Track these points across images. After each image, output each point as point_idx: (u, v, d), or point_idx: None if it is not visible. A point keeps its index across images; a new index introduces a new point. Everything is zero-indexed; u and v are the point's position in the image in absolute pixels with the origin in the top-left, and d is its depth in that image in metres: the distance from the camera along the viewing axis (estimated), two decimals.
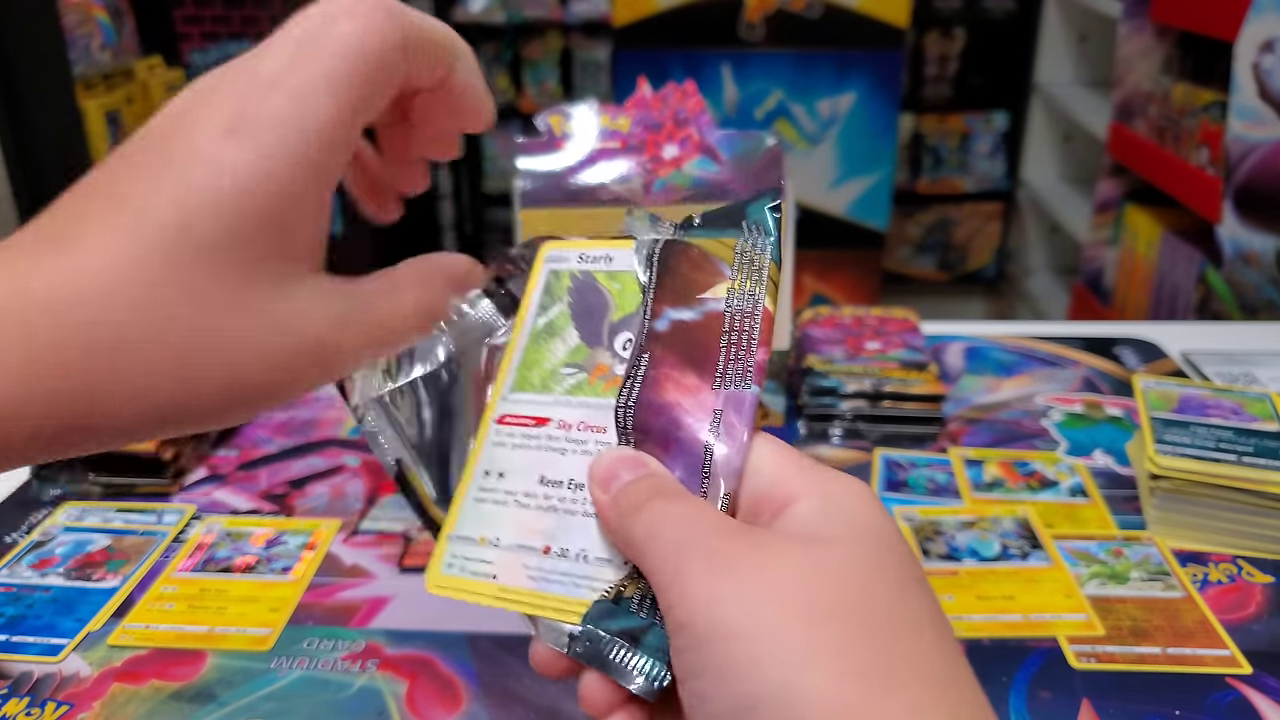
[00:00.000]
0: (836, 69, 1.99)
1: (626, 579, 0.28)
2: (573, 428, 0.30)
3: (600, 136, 0.62)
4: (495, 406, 0.32)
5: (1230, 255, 1.29)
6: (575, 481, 0.30)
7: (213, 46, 1.97)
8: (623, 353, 0.31)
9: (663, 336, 0.30)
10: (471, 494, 0.31)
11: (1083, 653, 0.47)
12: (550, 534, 0.29)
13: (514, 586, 0.29)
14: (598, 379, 0.31)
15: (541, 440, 0.31)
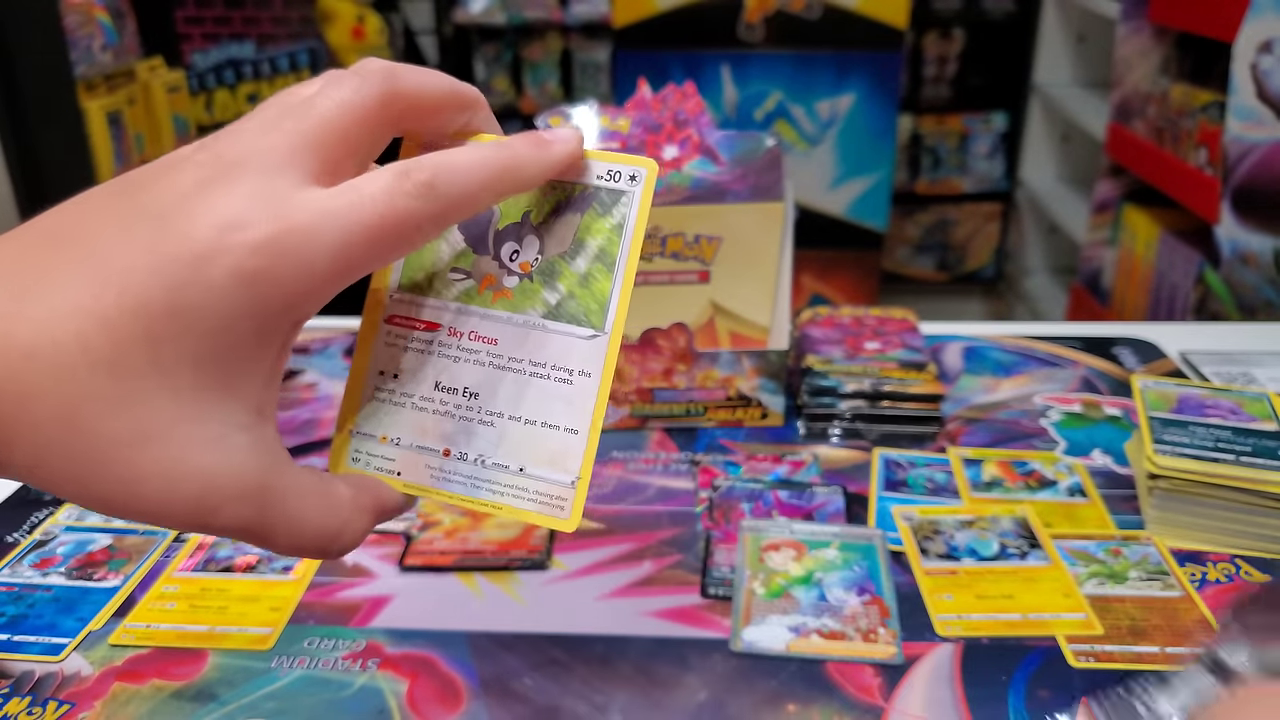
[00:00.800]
0: (836, 70, 2.00)
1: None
2: (463, 336, 0.32)
3: (600, 137, 0.62)
4: (384, 304, 0.32)
5: (1228, 255, 1.29)
6: (470, 390, 0.31)
7: (214, 47, 1.97)
8: (510, 263, 0.32)
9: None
10: (368, 392, 0.32)
11: (1081, 652, 0.48)
12: (449, 438, 0.31)
13: (417, 483, 0.31)
14: (486, 289, 0.32)
15: (434, 346, 0.32)
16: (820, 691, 0.45)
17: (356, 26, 2.09)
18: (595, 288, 0.32)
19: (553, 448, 0.31)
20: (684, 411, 0.67)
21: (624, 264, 0.32)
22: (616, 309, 0.31)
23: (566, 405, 0.31)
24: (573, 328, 0.31)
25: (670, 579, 0.53)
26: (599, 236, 0.32)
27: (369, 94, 0.27)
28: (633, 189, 0.32)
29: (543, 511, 0.31)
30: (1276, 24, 1.19)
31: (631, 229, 0.32)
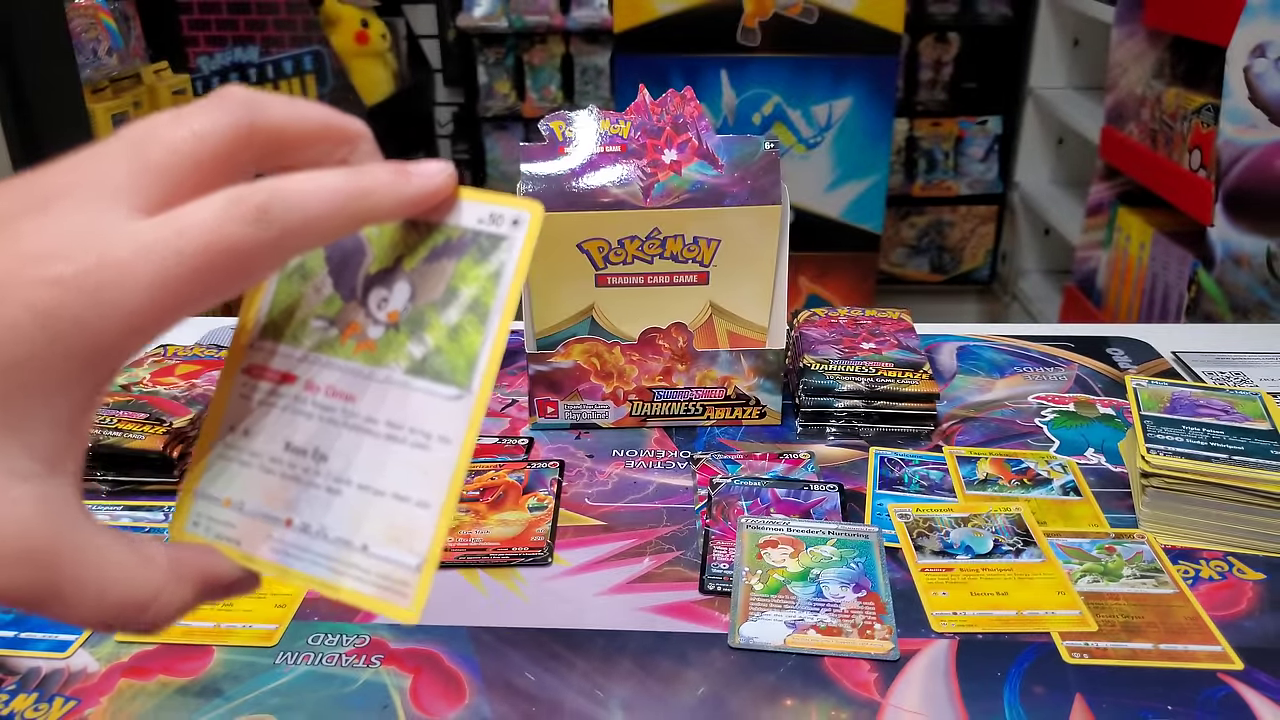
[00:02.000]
0: (833, 74, 2.01)
1: None
2: (320, 391, 0.29)
3: (601, 141, 0.63)
4: (243, 353, 0.30)
5: (1221, 257, 1.30)
6: (320, 452, 0.28)
7: (219, 51, 1.98)
8: (378, 313, 0.29)
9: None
10: (217, 449, 0.30)
11: (1076, 648, 0.48)
12: (293, 505, 0.28)
13: (256, 557, 0.29)
14: (349, 339, 0.29)
15: (288, 400, 0.29)
16: (817, 686, 0.46)
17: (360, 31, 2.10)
18: (465, 341, 0.28)
19: (400, 523, 0.28)
20: (683, 410, 0.68)
21: (498, 317, 0.28)
22: (485, 367, 0.28)
23: (421, 475, 0.28)
24: (436, 385, 0.28)
25: (669, 575, 0.54)
26: (474, 285, 0.29)
27: (226, 124, 0.25)
28: (514, 234, 0.29)
29: (383, 597, 0.28)
30: (1270, 28, 1.20)
31: (510, 278, 0.28)
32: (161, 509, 0.60)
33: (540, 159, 0.63)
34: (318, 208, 0.25)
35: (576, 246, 0.63)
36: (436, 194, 0.28)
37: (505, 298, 0.28)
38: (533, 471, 0.63)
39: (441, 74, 2.52)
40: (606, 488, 0.62)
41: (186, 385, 0.67)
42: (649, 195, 0.62)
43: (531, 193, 0.62)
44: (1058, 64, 2.31)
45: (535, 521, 0.58)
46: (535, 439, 0.68)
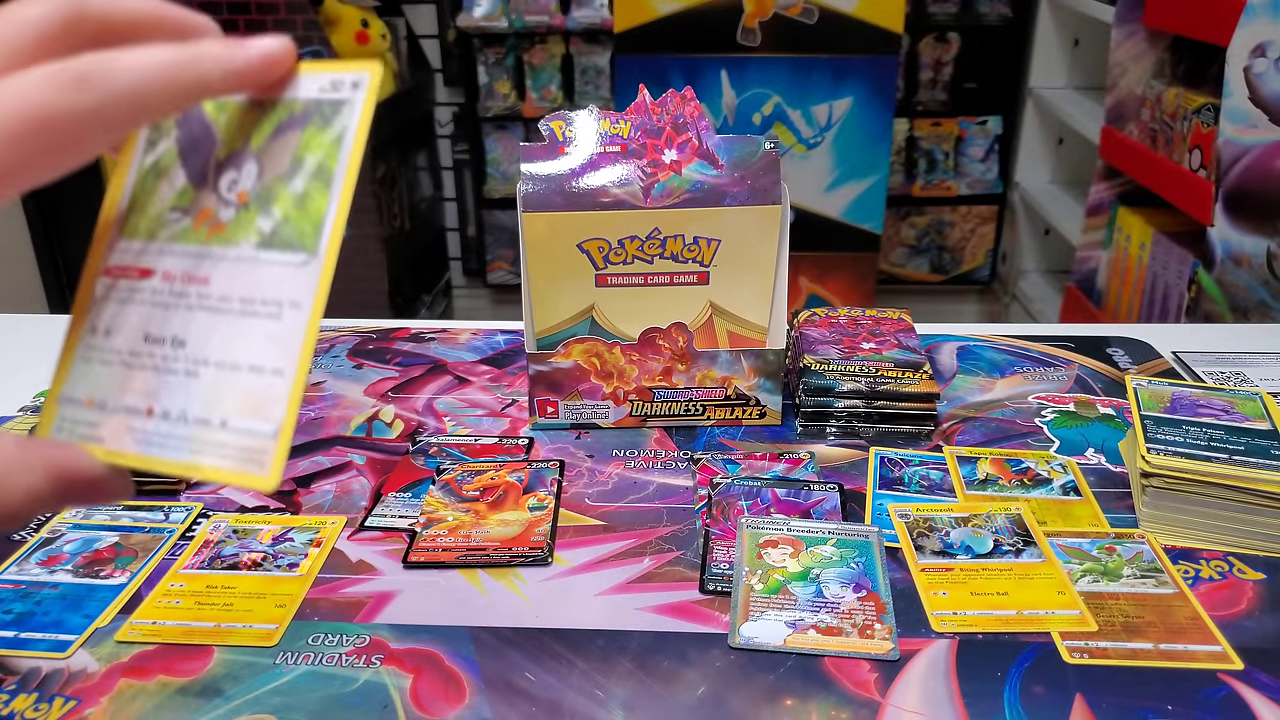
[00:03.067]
0: (833, 74, 2.01)
1: None
2: (176, 279, 0.29)
3: (601, 141, 0.63)
4: (101, 255, 0.31)
5: (1221, 257, 1.30)
6: (177, 338, 0.29)
7: None
8: (228, 195, 0.30)
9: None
10: (80, 351, 0.30)
11: (1076, 648, 0.48)
12: (153, 394, 0.29)
13: (119, 450, 0.29)
14: (202, 224, 0.30)
15: (146, 293, 0.30)
16: (818, 686, 0.46)
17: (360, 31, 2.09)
18: (311, 208, 0.29)
19: (257, 393, 0.28)
20: (683, 410, 0.68)
21: (342, 178, 0.29)
22: (332, 229, 0.29)
23: (274, 344, 0.28)
24: (285, 255, 0.29)
25: (670, 575, 0.54)
26: (318, 152, 0.29)
27: (51, 11, 0.25)
28: (354, 96, 0.29)
29: (241, 469, 0.28)
30: (1270, 28, 1.20)
31: (351, 140, 0.29)
32: (161, 508, 0.60)
33: (540, 159, 0.63)
34: (141, 75, 0.25)
35: (576, 246, 0.63)
36: (269, 63, 0.28)
37: (348, 160, 0.29)
38: (533, 471, 0.63)
39: (441, 74, 2.52)
40: (606, 488, 0.62)
41: None
42: (649, 195, 0.62)
43: (531, 193, 0.62)
44: (1058, 64, 2.31)
45: (535, 521, 0.58)
46: (535, 439, 0.68)
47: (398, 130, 2.25)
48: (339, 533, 0.57)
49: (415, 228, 2.42)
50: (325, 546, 0.56)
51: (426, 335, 0.84)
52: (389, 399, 0.74)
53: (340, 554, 0.56)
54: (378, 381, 0.76)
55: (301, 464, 0.65)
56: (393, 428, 0.69)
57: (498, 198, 2.58)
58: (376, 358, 0.80)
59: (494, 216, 2.61)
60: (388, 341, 0.83)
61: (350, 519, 0.59)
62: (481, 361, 0.80)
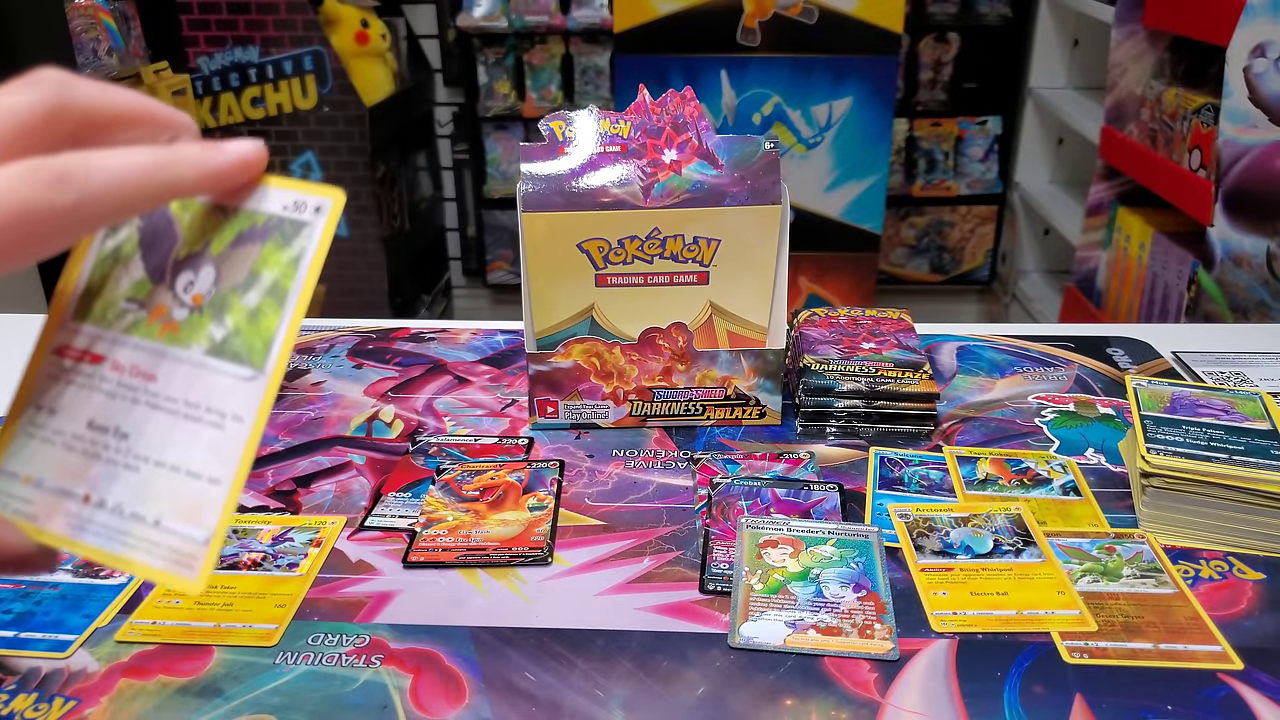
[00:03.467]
0: (833, 74, 2.01)
1: None
2: (124, 370, 0.30)
3: (601, 141, 0.63)
4: (54, 333, 0.31)
5: (1221, 257, 1.30)
6: (121, 430, 0.30)
7: (218, 51, 1.98)
8: (184, 295, 0.30)
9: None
10: (22, 426, 0.30)
11: (1076, 648, 0.48)
12: (93, 482, 0.30)
13: (53, 531, 0.29)
14: (156, 320, 0.30)
15: (93, 379, 0.30)
16: (817, 686, 0.46)
17: (360, 31, 2.09)
18: (263, 324, 0.30)
19: (192, 499, 0.29)
20: (683, 410, 0.68)
21: (295, 299, 0.30)
22: (280, 349, 0.30)
23: (214, 453, 0.29)
24: (233, 367, 0.30)
25: (669, 575, 0.54)
26: (275, 269, 0.30)
27: (35, 101, 0.26)
28: (315, 221, 0.30)
29: (171, 570, 0.29)
30: (1270, 28, 1.20)
31: (308, 263, 0.30)
32: None
33: (540, 159, 0.63)
34: (120, 176, 0.26)
35: (576, 246, 0.63)
36: (242, 167, 0.29)
37: (303, 282, 0.30)
38: (533, 471, 0.63)
39: (441, 74, 2.51)
40: (606, 488, 0.62)
41: None
42: (649, 195, 0.62)
43: (531, 193, 0.62)
44: (1058, 64, 2.31)
45: (535, 521, 0.58)
46: (535, 439, 0.68)
47: (398, 130, 2.25)
48: (339, 533, 0.57)
49: (415, 228, 2.42)
50: (325, 546, 0.56)
51: (426, 335, 0.84)
52: (389, 399, 0.74)
53: (340, 554, 0.56)
54: (378, 381, 0.76)
55: (301, 464, 0.65)
56: (393, 428, 0.69)
57: (498, 198, 2.58)
58: (376, 358, 0.80)
59: (494, 216, 2.61)
60: (388, 341, 0.83)
61: (350, 519, 0.59)
62: (481, 361, 0.80)
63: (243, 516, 0.59)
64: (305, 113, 2.02)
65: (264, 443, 0.67)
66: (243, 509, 0.60)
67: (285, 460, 0.65)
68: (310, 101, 2.01)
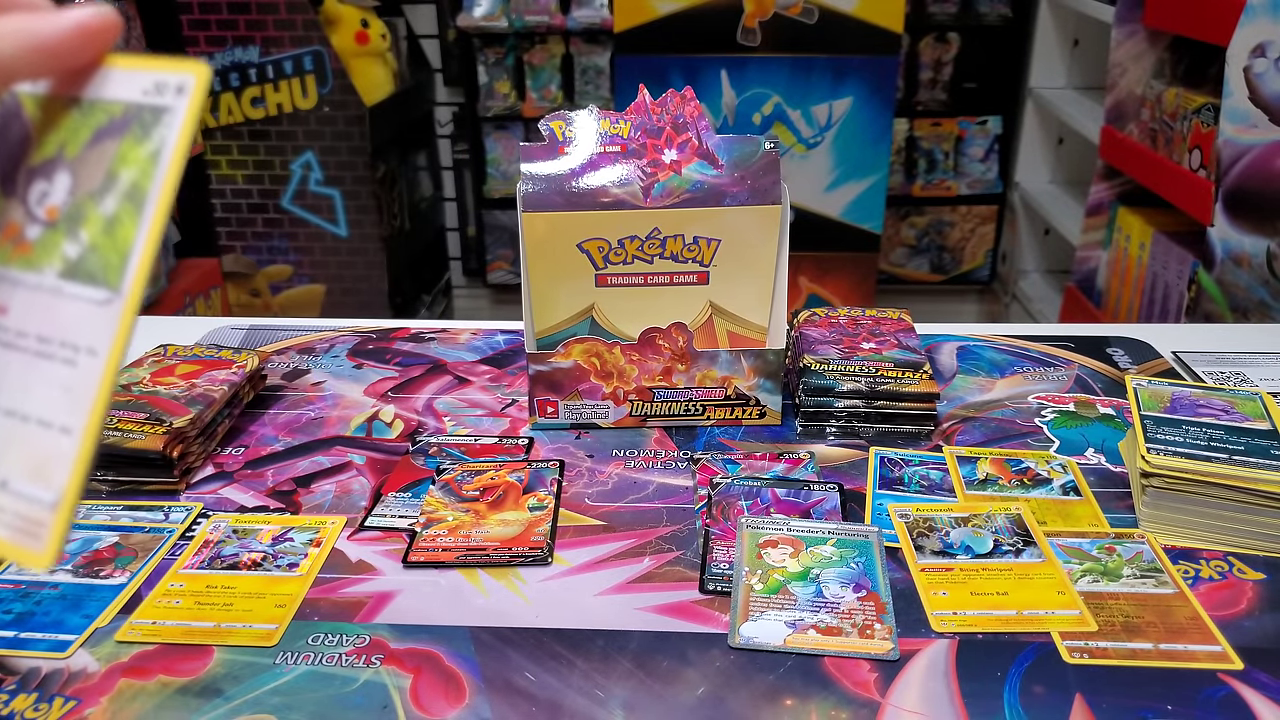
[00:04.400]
0: (833, 74, 2.01)
1: None
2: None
3: (601, 141, 0.63)
4: None
5: (1221, 257, 1.30)
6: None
7: (218, 51, 1.98)
8: (37, 209, 0.26)
9: None
10: None
11: (1076, 648, 0.48)
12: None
13: None
14: (6, 242, 0.26)
15: None
16: (817, 686, 0.46)
17: (360, 31, 2.09)
18: (119, 235, 0.25)
19: (42, 454, 0.25)
20: (683, 410, 0.68)
21: (154, 202, 0.25)
22: (138, 265, 0.25)
23: (65, 396, 0.24)
24: (87, 289, 0.25)
25: (670, 575, 0.54)
26: (133, 168, 0.25)
27: None
28: (177, 104, 0.25)
29: (15, 540, 0.24)
30: (1270, 28, 1.20)
31: (169, 157, 0.25)
32: (161, 508, 0.60)
33: (540, 159, 0.63)
34: None
35: (576, 246, 0.63)
36: (81, 37, 0.25)
37: (163, 181, 0.25)
38: (533, 471, 0.63)
39: (441, 74, 2.51)
40: (606, 488, 0.62)
41: (186, 385, 0.67)
42: (649, 195, 0.62)
43: (531, 192, 0.62)
44: (1058, 64, 2.30)
45: (535, 521, 0.58)
46: (535, 439, 0.68)
47: (398, 130, 2.25)
48: (339, 533, 0.57)
49: (415, 228, 2.42)
50: (325, 546, 0.56)
51: (426, 335, 0.84)
52: (389, 399, 0.74)
53: (340, 554, 0.56)
54: (378, 381, 0.76)
55: (301, 464, 0.65)
56: (393, 428, 0.69)
57: (498, 198, 2.57)
58: (376, 358, 0.80)
59: (494, 216, 2.61)
60: (388, 341, 0.83)
61: (350, 519, 0.59)
62: (481, 361, 0.80)
63: (243, 516, 0.59)
64: (305, 113, 2.02)
65: (264, 443, 0.67)
66: (242, 509, 0.60)
67: (285, 460, 0.65)
68: (310, 101, 2.01)
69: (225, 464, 0.65)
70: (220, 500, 0.61)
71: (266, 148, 2.04)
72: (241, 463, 0.65)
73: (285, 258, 2.13)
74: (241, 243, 2.13)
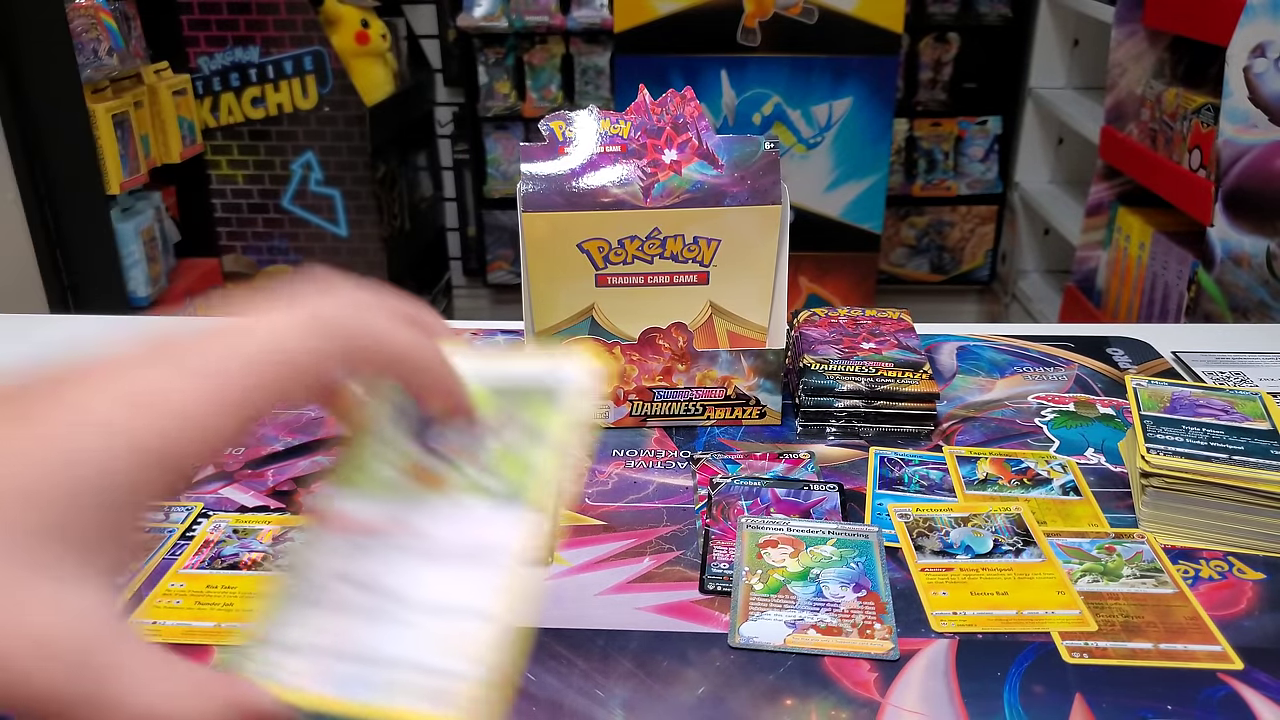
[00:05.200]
0: (833, 74, 2.01)
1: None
2: (393, 530, 0.31)
3: (601, 141, 0.63)
4: (318, 508, 0.32)
5: (1221, 257, 1.30)
6: (382, 583, 0.30)
7: (219, 51, 1.98)
8: (443, 451, 0.32)
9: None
10: (287, 592, 0.30)
11: (1075, 648, 0.48)
12: (355, 638, 0.29)
13: (300, 689, 0.28)
14: (420, 478, 0.32)
15: (367, 544, 0.31)
16: (817, 686, 0.46)
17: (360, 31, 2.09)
18: (534, 470, 0.32)
19: (463, 637, 0.28)
20: (683, 410, 0.68)
21: (564, 450, 0.32)
22: (553, 490, 0.31)
23: (483, 591, 0.29)
24: (506, 509, 0.31)
25: (669, 575, 0.54)
26: (545, 421, 0.32)
27: (326, 353, 0.30)
28: (581, 382, 0.33)
29: (442, 711, 0.27)
30: (1270, 28, 1.20)
31: (577, 419, 0.33)
32: (162, 508, 0.59)
33: (540, 159, 0.63)
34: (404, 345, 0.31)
35: (576, 246, 0.63)
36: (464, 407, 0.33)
37: (571, 434, 0.32)
38: None
39: (442, 74, 2.51)
40: (606, 487, 0.62)
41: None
42: (649, 195, 0.62)
43: (531, 193, 0.62)
44: (1058, 64, 2.30)
45: None
46: None
47: (398, 130, 2.25)
48: None
49: (415, 227, 2.42)
50: None
51: None
52: None
53: None
54: None
55: (301, 464, 0.65)
56: None
57: (498, 198, 2.57)
58: None
59: (494, 216, 2.61)
60: None
61: None
62: None
63: (243, 516, 0.59)
64: (305, 113, 2.02)
65: (264, 442, 0.67)
66: (243, 509, 0.60)
67: (285, 460, 0.65)
68: (310, 101, 2.01)
69: (225, 464, 0.65)
70: (220, 500, 0.61)
71: (267, 148, 2.04)
72: (241, 462, 0.65)
73: (285, 258, 2.13)
74: (242, 243, 2.13)
